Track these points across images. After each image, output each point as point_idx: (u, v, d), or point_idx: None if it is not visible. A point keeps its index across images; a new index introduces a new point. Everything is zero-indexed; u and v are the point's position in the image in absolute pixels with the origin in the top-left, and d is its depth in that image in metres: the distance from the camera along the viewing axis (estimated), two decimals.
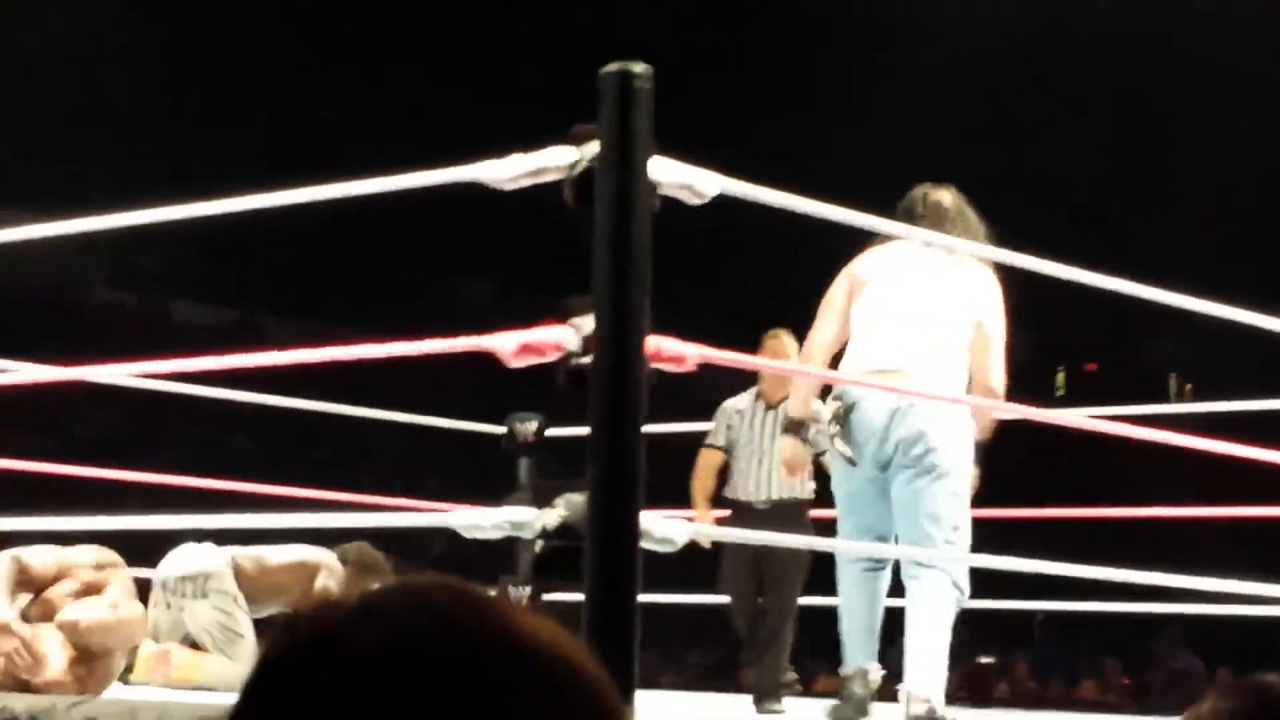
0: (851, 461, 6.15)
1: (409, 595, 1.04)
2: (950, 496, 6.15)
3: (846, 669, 6.36)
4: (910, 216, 6.27)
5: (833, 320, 6.28)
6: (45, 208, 5.58)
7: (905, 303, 6.19)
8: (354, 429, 8.29)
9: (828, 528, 6.89)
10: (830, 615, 6.62)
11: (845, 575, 6.32)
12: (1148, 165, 22.24)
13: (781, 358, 7.51)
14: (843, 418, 6.11)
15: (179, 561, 7.07)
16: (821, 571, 7.13)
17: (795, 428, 6.49)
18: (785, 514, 7.57)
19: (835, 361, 6.34)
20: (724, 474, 7.97)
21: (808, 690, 9.64)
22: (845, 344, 6.31)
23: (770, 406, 7.78)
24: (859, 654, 6.31)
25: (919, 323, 6.15)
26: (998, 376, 6.29)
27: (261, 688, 1.04)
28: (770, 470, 7.69)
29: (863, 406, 6.11)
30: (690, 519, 7.41)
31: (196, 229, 5.36)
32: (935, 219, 6.23)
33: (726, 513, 7.86)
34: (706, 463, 8.02)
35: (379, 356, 5.32)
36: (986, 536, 6.48)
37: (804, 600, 7.81)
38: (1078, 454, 13.43)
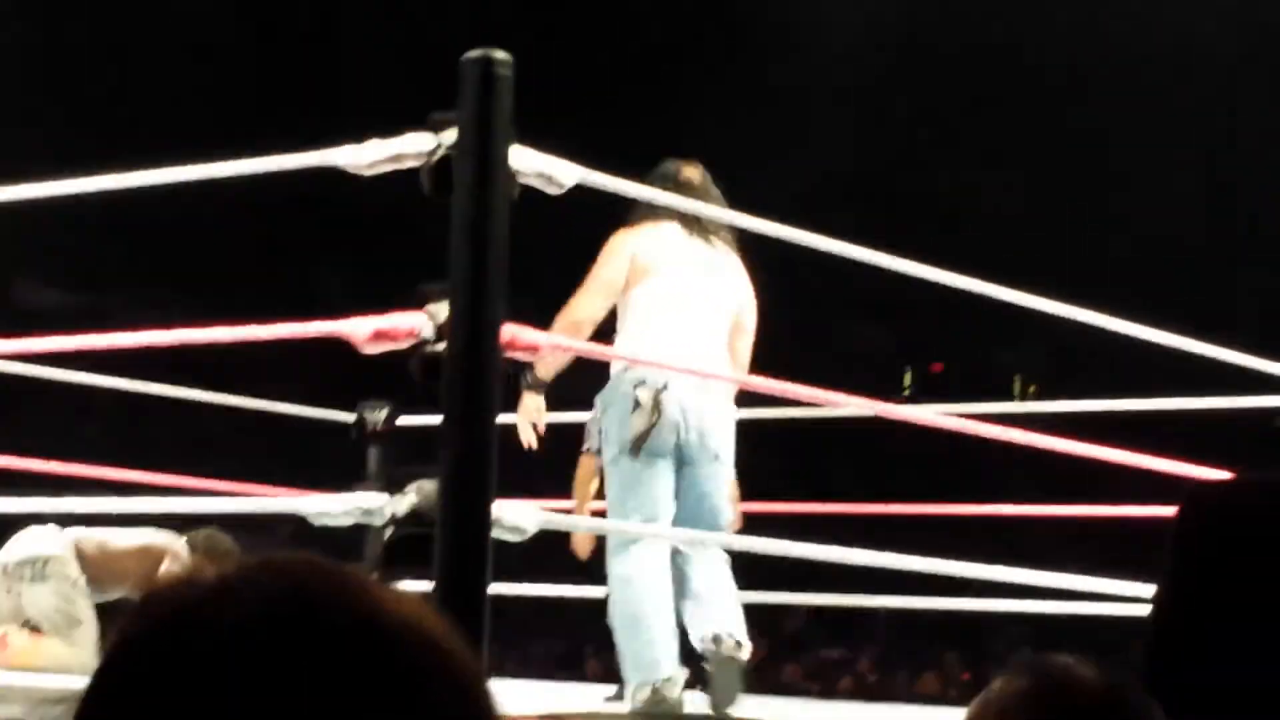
0: (638, 446, 6.03)
1: (271, 571, 1.02)
2: (730, 485, 6.26)
3: (661, 675, 5.84)
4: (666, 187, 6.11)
5: (607, 296, 6.06)
6: None
7: (693, 293, 6.13)
8: (204, 414, 8.19)
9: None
10: None
11: (648, 566, 5.96)
12: (1001, 172, 22.48)
13: None
14: (655, 402, 6.03)
15: (19, 546, 6.95)
16: None
17: (542, 388, 6.14)
18: None
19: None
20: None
21: None
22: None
23: None
24: (670, 657, 5.89)
25: (706, 313, 6.14)
26: (746, 369, 6.33)
27: (119, 665, 1.01)
28: None
29: (668, 391, 6.05)
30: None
31: (46, 209, 5.27)
32: (689, 195, 6.08)
33: None
34: (585, 469, 7.48)
35: (230, 340, 5.27)
36: (831, 530, 6.52)
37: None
38: (924, 451, 13.53)
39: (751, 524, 7.20)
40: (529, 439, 6.19)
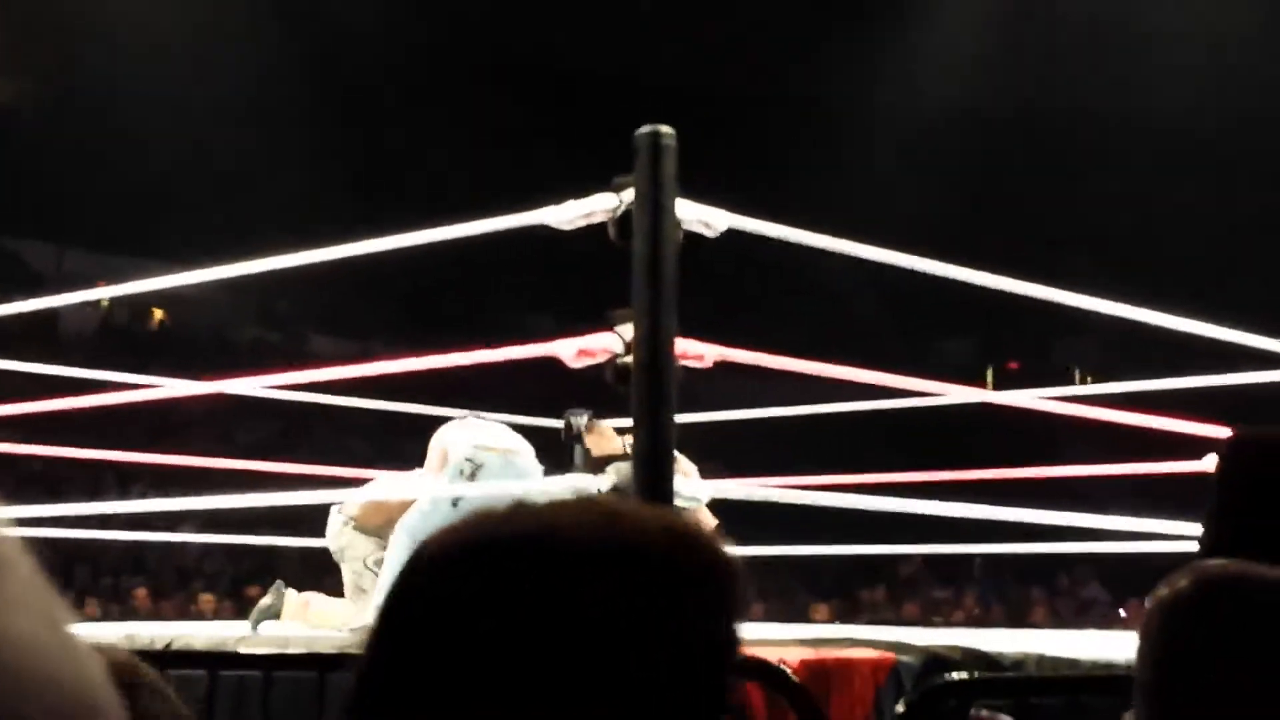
0: None
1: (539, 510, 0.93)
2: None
3: None
4: None
5: None
6: (199, 263, 5.53)
7: None
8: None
9: None
10: None
11: None
12: (1058, 207, 22.26)
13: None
14: None
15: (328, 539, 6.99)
16: None
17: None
18: None
19: None
20: None
21: None
22: None
23: None
24: None
25: None
26: None
27: (404, 588, 0.93)
28: None
29: None
30: None
31: (322, 272, 5.34)
32: None
33: None
34: None
35: (467, 364, 5.31)
36: (943, 493, 6.43)
37: None
38: (1010, 431, 13.38)
39: (875, 489, 7.14)
40: None
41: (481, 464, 6.04)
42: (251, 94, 20.75)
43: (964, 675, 3.40)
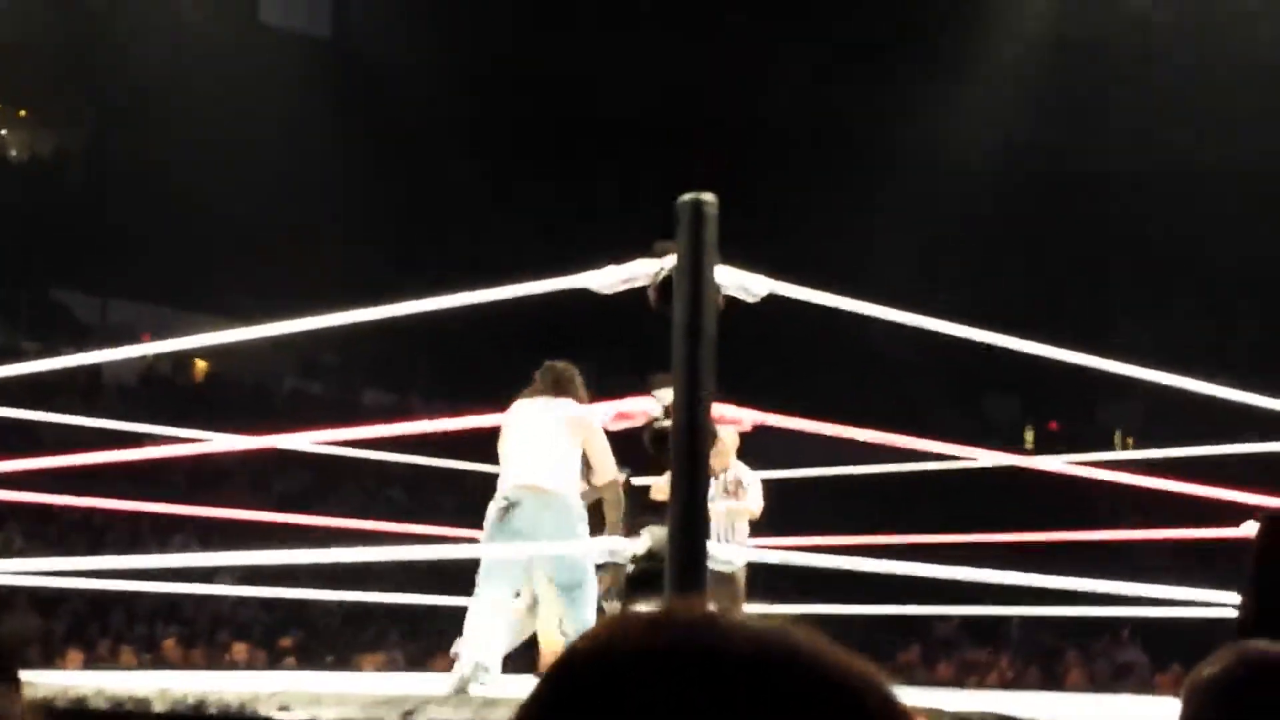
0: None
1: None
2: None
3: None
4: None
5: None
6: (242, 316, 5.59)
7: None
8: (475, 480, 8.27)
9: None
10: None
11: None
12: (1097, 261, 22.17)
13: None
14: None
15: None
16: None
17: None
18: None
19: None
20: None
21: None
22: None
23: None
24: None
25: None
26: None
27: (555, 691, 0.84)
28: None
29: None
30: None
31: (366, 331, 5.37)
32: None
33: None
34: None
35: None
36: (978, 557, 6.40)
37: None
38: (1047, 492, 13.32)
39: (914, 551, 7.12)
40: None
41: (517, 502, 6.02)
42: (302, 149, 20.93)
43: None
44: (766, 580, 6.28)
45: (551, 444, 6.01)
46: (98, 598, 14.79)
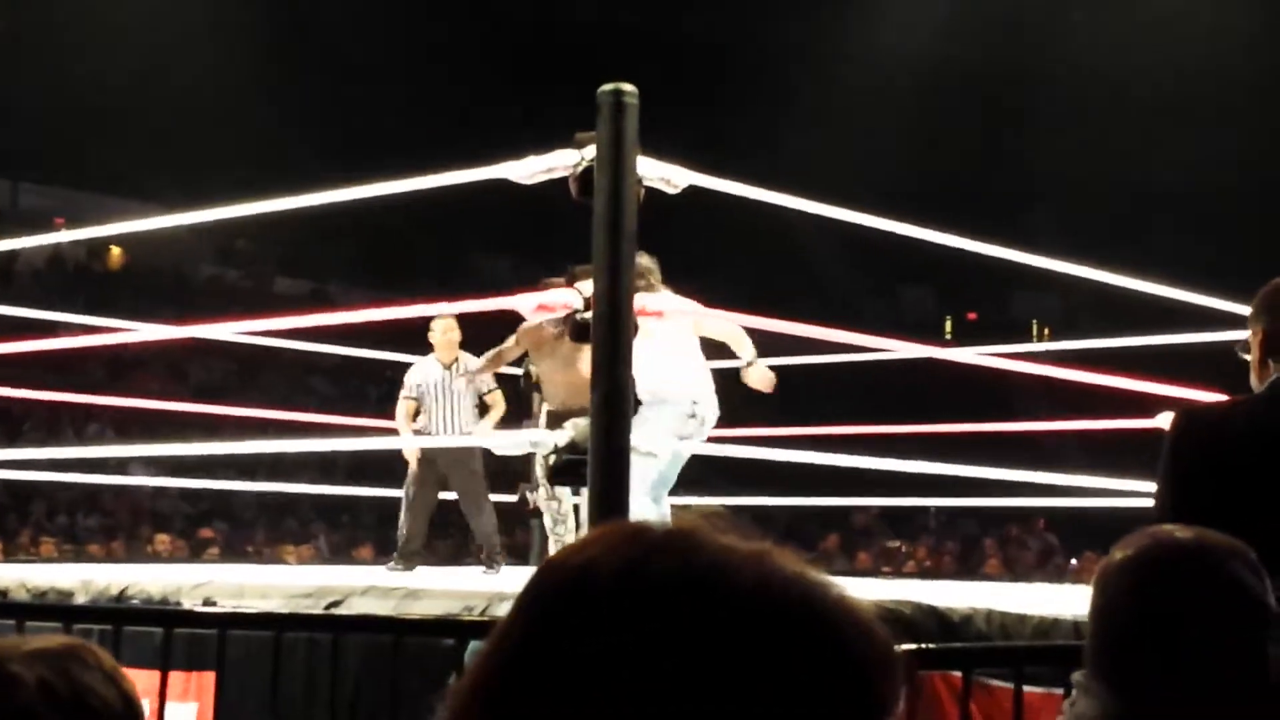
0: None
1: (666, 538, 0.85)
2: None
3: None
4: None
5: None
6: (165, 202, 5.52)
7: None
8: (400, 371, 8.21)
9: None
10: None
11: None
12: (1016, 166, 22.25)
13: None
14: None
15: None
16: None
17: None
18: None
19: None
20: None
21: None
22: None
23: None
24: None
25: None
26: None
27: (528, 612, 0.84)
28: None
29: None
30: None
31: (285, 218, 5.31)
32: None
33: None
34: None
35: (427, 315, 5.32)
36: (891, 448, 6.48)
37: None
38: (965, 384, 13.46)
39: (833, 442, 7.19)
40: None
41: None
42: (219, 30, 20.54)
43: (913, 646, 3.43)
44: (692, 472, 6.32)
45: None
46: (18, 489, 14.69)
